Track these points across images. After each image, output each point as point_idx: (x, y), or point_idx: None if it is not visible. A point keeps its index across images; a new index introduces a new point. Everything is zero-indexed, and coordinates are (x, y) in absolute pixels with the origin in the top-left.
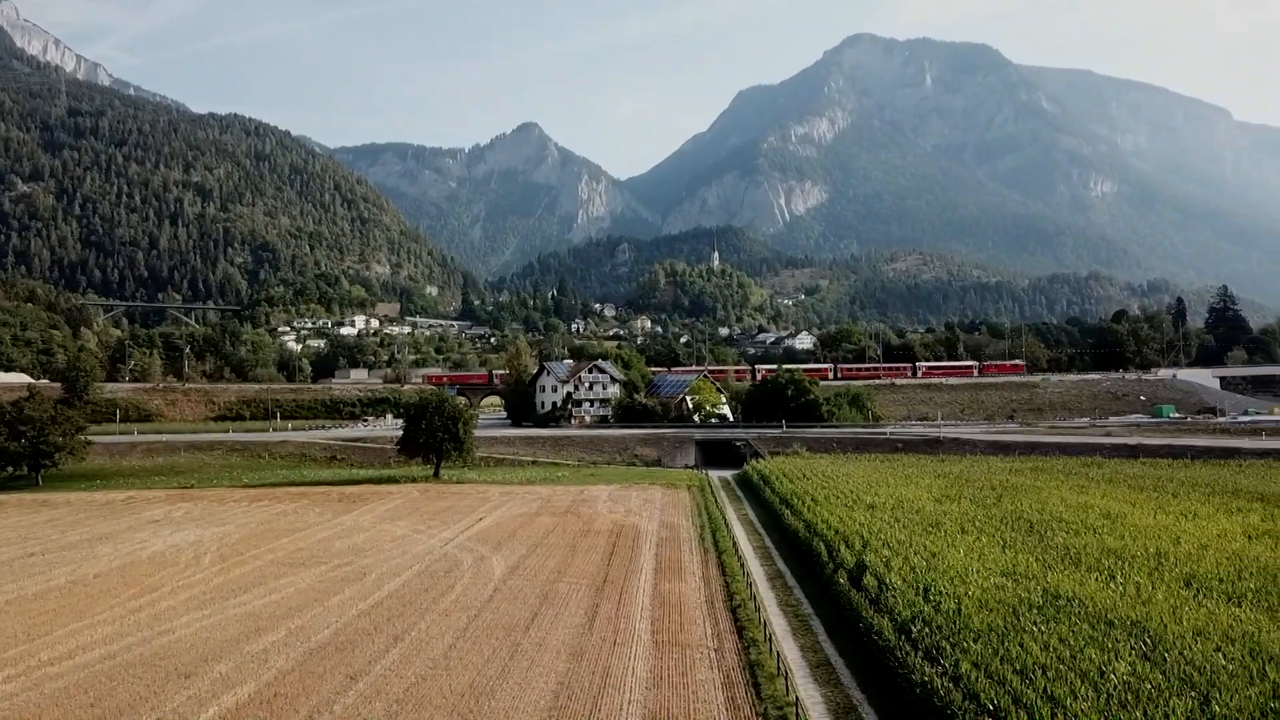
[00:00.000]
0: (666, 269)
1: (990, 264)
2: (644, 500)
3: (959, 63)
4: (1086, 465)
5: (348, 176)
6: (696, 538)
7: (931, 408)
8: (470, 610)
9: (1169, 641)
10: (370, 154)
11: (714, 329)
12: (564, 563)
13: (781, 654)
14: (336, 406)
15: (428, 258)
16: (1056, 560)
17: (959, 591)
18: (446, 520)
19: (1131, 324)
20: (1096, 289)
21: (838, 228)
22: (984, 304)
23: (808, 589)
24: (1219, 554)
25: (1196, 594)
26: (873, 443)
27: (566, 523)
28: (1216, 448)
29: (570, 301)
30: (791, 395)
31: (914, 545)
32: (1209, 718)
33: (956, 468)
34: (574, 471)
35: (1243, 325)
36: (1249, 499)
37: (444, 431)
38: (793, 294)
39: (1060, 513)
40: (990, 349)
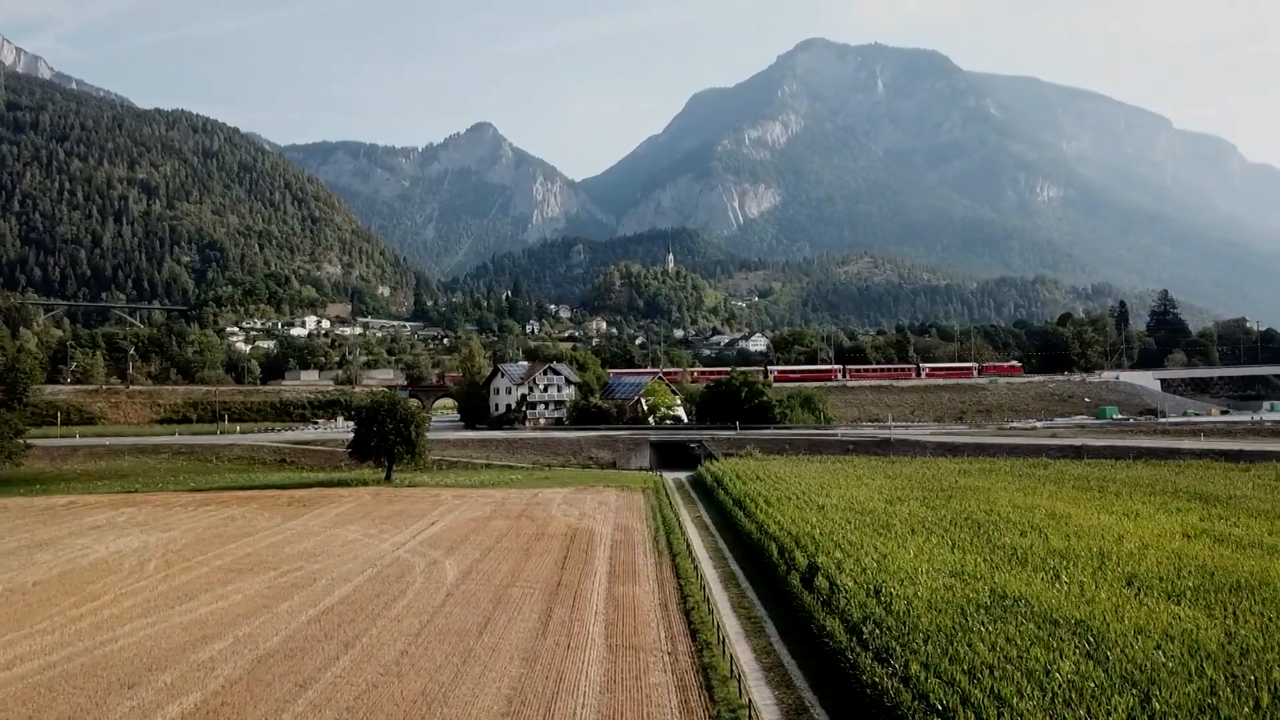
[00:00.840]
0: (622, 270)
1: (940, 267)
2: (599, 503)
3: (910, 69)
4: (1033, 466)
5: (298, 175)
6: (651, 540)
7: (882, 409)
8: (423, 616)
9: (1111, 640)
10: (321, 152)
11: (669, 330)
12: (518, 567)
13: (735, 656)
14: (286, 409)
15: (380, 258)
16: (1004, 560)
17: (909, 592)
18: (399, 524)
19: (1076, 327)
20: (1043, 292)
21: (791, 231)
22: (934, 306)
23: (761, 590)
24: (1159, 553)
25: (1138, 593)
26: (824, 444)
27: (520, 526)
28: (1157, 448)
29: (525, 303)
30: (745, 397)
31: (865, 546)
32: (1149, 715)
33: (907, 469)
34: (528, 474)
35: (1182, 328)
36: (1188, 499)
37: (396, 434)
38: (746, 296)
39: (1008, 513)
40: (940, 351)
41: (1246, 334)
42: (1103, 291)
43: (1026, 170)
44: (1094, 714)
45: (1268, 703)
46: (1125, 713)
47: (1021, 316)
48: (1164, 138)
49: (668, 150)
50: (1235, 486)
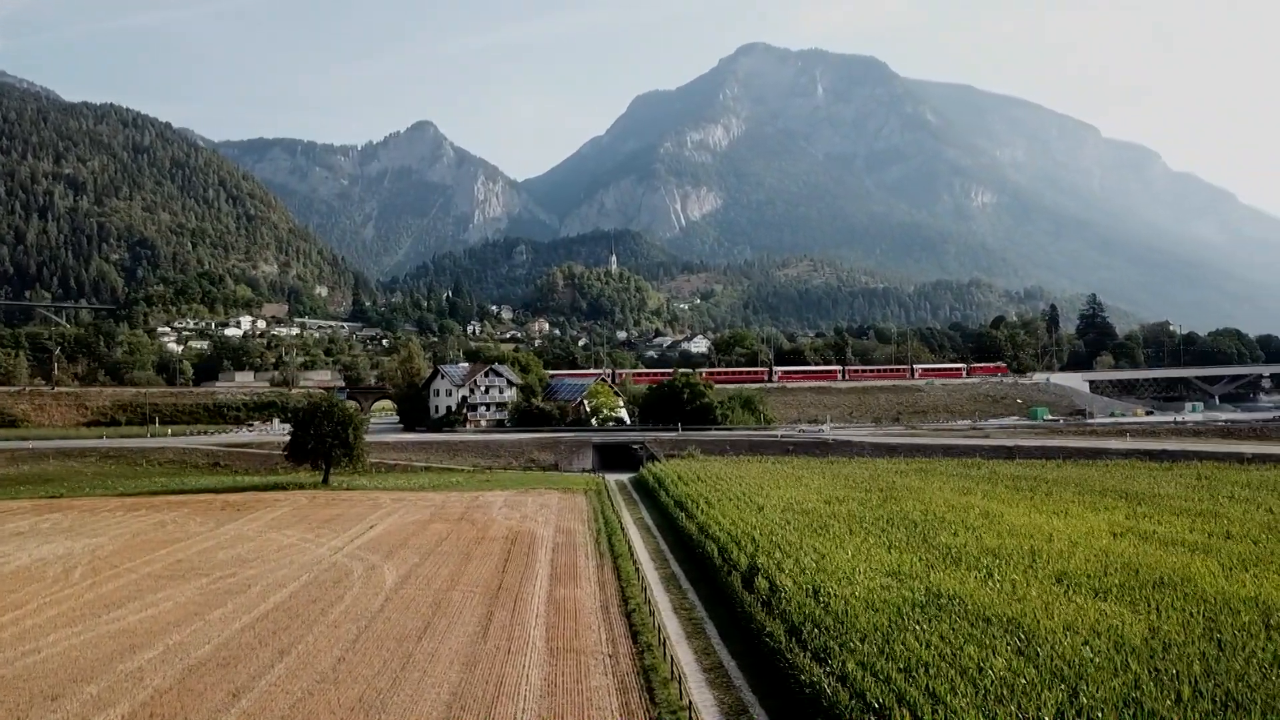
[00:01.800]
0: (564, 271)
1: (878, 270)
2: (540, 505)
3: (849, 74)
4: (967, 466)
5: (233, 172)
6: (592, 542)
7: (821, 410)
8: (360, 621)
9: (1041, 637)
10: (257, 149)
11: (612, 332)
12: (458, 570)
13: (675, 658)
14: (220, 411)
15: (317, 257)
16: (939, 559)
17: (847, 592)
18: (336, 528)
19: (1009, 330)
20: (977, 295)
21: (732, 233)
22: (871, 309)
23: (702, 591)
24: (1087, 551)
25: (1067, 590)
26: (765, 445)
27: (460, 529)
28: (1086, 448)
29: (466, 303)
30: (687, 398)
31: (804, 546)
32: (1077, 709)
33: (845, 469)
34: (469, 477)
35: (1110, 331)
36: (1115, 497)
37: (333, 436)
38: (689, 298)
39: (943, 513)
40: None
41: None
42: (1034, 295)
43: (962, 176)
44: (1025, 709)
45: (1188, 695)
46: (1054, 708)
47: (957, 319)
48: (1092, 146)
49: (610, 151)
50: (1159, 485)
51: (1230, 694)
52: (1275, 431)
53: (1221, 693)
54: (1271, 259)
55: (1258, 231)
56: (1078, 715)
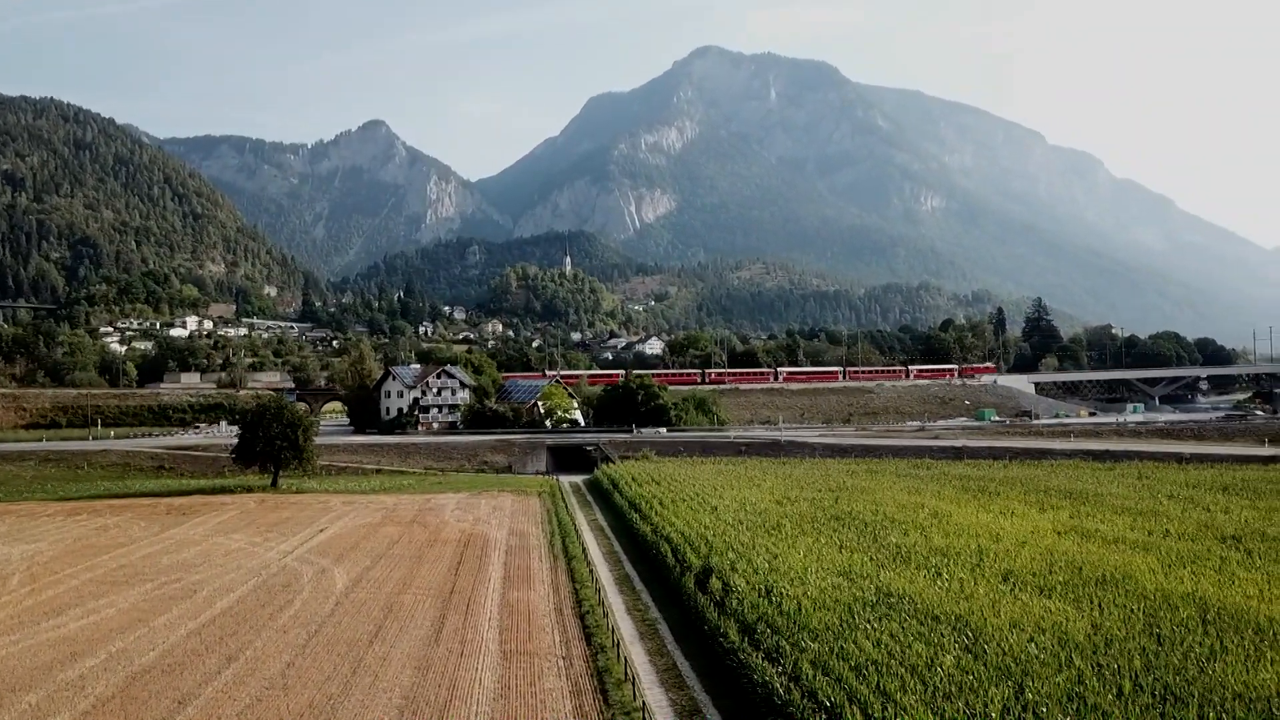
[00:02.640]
0: (518, 272)
1: (829, 273)
2: (493, 508)
3: (802, 79)
4: (916, 467)
5: (179, 169)
6: (546, 545)
7: (773, 411)
8: (310, 626)
9: (988, 634)
10: (204, 146)
11: (566, 333)
12: (410, 574)
13: (629, 659)
14: (165, 413)
15: (266, 256)
16: (889, 559)
17: (799, 592)
18: (285, 532)
19: (957, 332)
20: (926, 298)
21: (686, 236)
22: (823, 311)
23: (655, 593)
24: (1033, 549)
25: (1013, 588)
26: (718, 446)
27: (412, 532)
28: (1031, 449)
29: (418, 304)
30: (642, 400)
31: (756, 547)
32: (1022, 705)
33: (797, 470)
34: (420, 480)
35: (1055, 334)
36: (1059, 497)
37: (282, 439)
38: (643, 300)
39: (892, 513)
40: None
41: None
42: (982, 298)
43: (911, 180)
44: (972, 705)
45: (1130, 690)
46: (1001, 703)
47: (906, 322)
48: (1038, 152)
49: (565, 153)
50: (1102, 485)
51: (1169, 688)
52: (1212, 432)
53: (1161, 686)
54: (1208, 265)
55: (1196, 238)
56: (1024, 711)
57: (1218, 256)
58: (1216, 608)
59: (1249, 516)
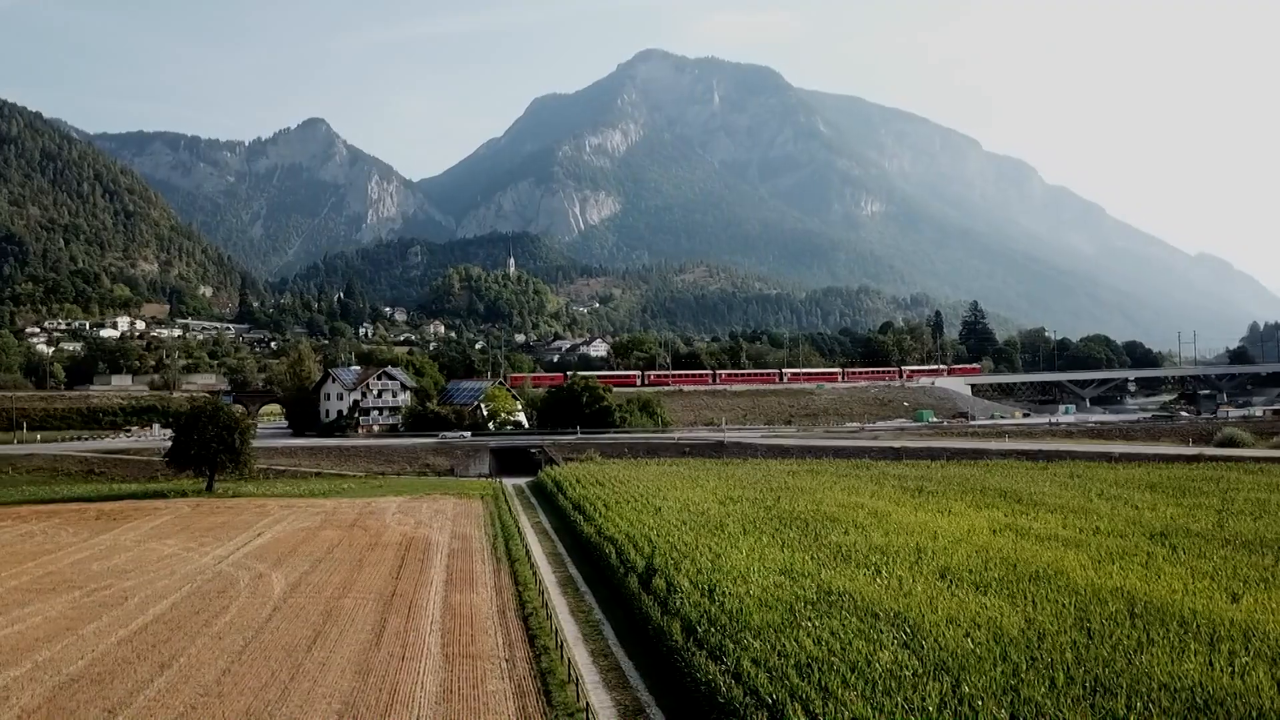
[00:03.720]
0: (461, 273)
1: (771, 276)
2: (435, 511)
3: (744, 83)
4: (856, 467)
5: (110, 165)
6: (489, 547)
7: (716, 413)
8: (247, 632)
9: (926, 630)
10: (137, 142)
11: (510, 335)
12: (350, 577)
13: (573, 660)
14: (95, 416)
15: (201, 256)
16: (829, 558)
17: (741, 591)
18: (220, 537)
19: (896, 335)
20: (866, 301)
21: (630, 238)
22: (765, 314)
23: (599, 594)
24: (969, 547)
25: (950, 585)
26: (662, 447)
27: (353, 536)
28: (968, 449)
29: (358, 305)
30: (586, 402)
31: (700, 547)
32: (959, 698)
33: (739, 471)
34: (361, 483)
35: (990, 337)
36: (995, 496)
37: (218, 442)
38: (588, 302)
39: (833, 512)
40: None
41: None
42: (920, 302)
43: (852, 185)
44: (910, 700)
45: (1062, 682)
46: (939, 698)
47: (847, 325)
48: (974, 159)
49: (509, 154)
50: (1035, 484)
51: (1099, 679)
52: (1140, 432)
53: (1091, 678)
54: (1137, 270)
55: (1125, 244)
56: (960, 704)
57: (1145, 262)
58: (1144, 602)
59: (1174, 513)
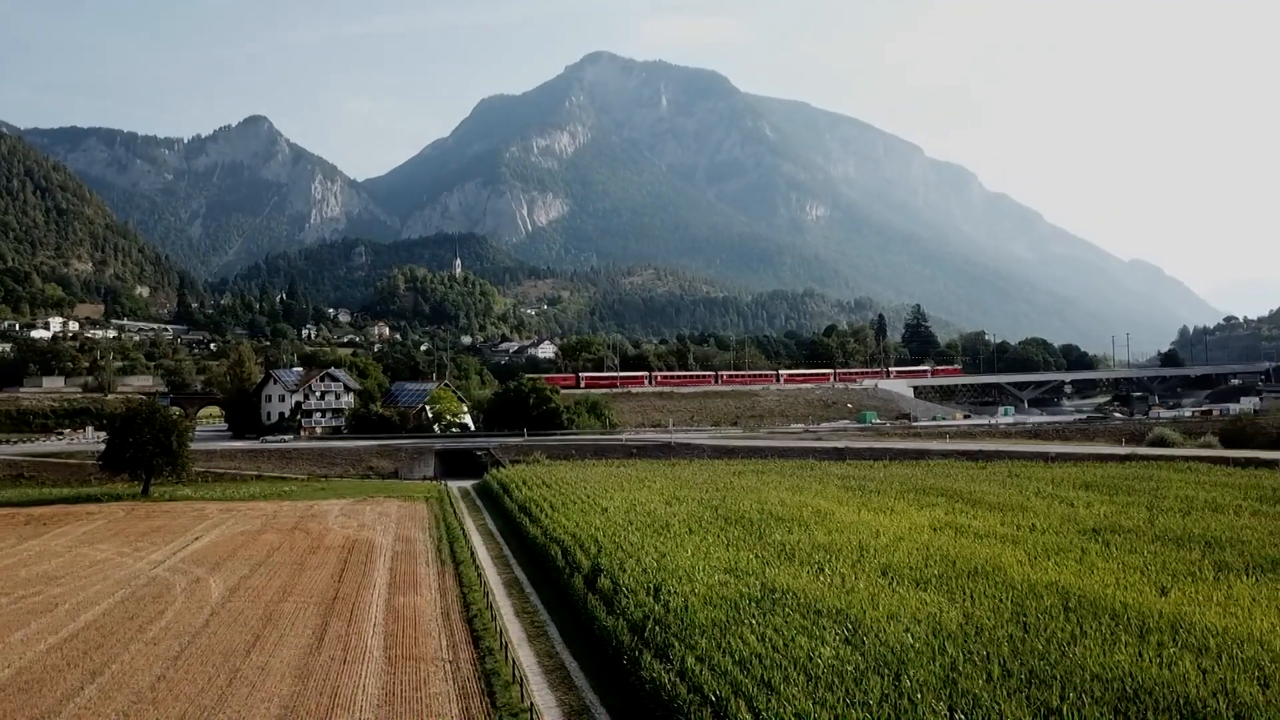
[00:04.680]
0: (406, 274)
1: (718, 280)
2: (379, 514)
3: (692, 87)
4: (800, 467)
5: (42, 161)
6: (434, 550)
7: (664, 415)
8: (183, 637)
9: (868, 626)
10: (70, 138)
11: (456, 337)
12: (290, 581)
13: (517, 661)
14: (25, 418)
15: (138, 255)
16: (774, 556)
17: (686, 589)
18: (156, 541)
19: (840, 338)
20: (811, 305)
21: (578, 240)
22: (712, 317)
23: (545, 595)
24: (910, 545)
25: (891, 582)
26: (610, 449)
27: (294, 539)
28: (910, 450)
29: (301, 306)
30: (534, 403)
31: (646, 547)
32: (899, 692)
33: (686, 471)
34: (303, 486)
35: (932, 340)
36: (935, 495)
37: (154, 444)
38: (535, 304)
39: (778, 511)
40: (717, 359)
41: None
42: (864, 305)
43: (798, 190)
44: (852, 694)
45: (999, 674)
46: (879, 692)
47: (792, 328)
48: (917, 165)
49: (455, 154)
50: (975, 483)
51: (1034, 671)
52: (1076, 433)
53: (1027, 670)
54: (1074, 275)
55: (1062, 249)
56: (900, 698)
57: (1081, 267)
58: (1077, 596)
59: (1107, 511)
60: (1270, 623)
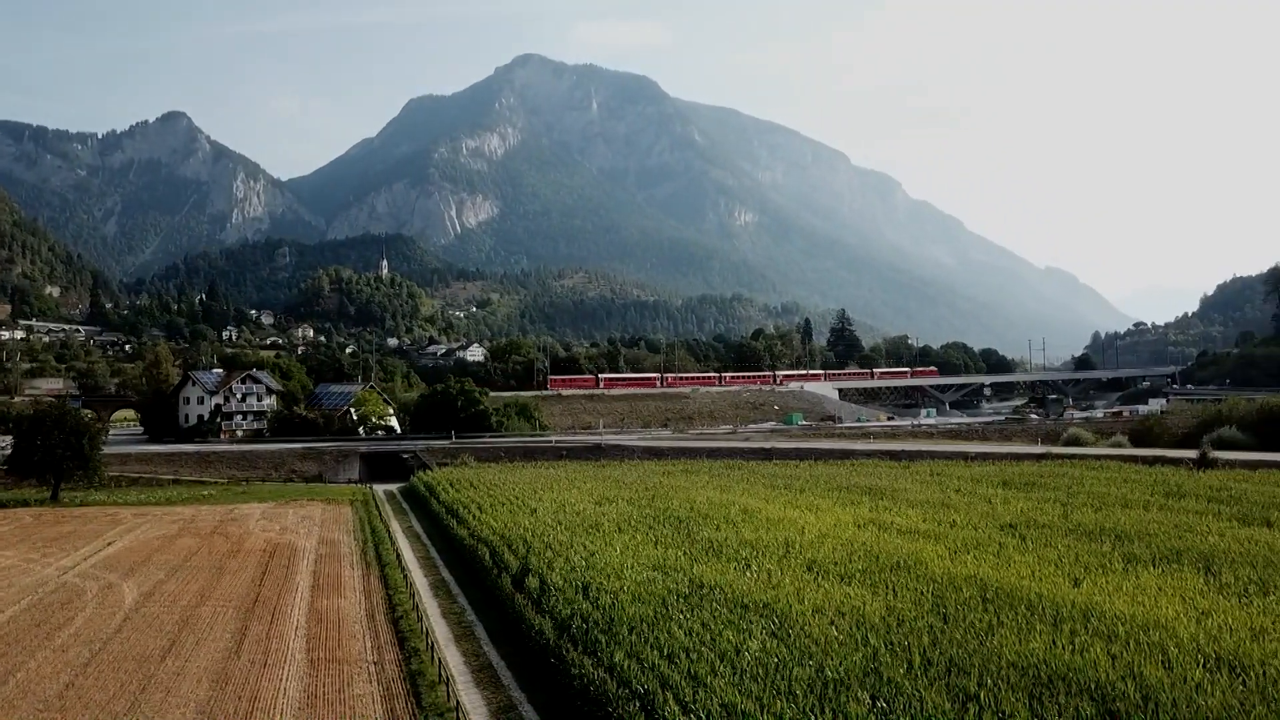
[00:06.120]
0: (331, 275)
1: (649, 284)
2: (302, 517)
3: (622, 92)
4: (729, 467)
5: None
6: (358, 552)
7: (595, 417)
8: (94, 644)
9: (793, 619)
10: None
11: (383, 340)
12: (209, 586)
13: (444, 661)
14: None
15: (48, 254)
16: (701, 553)
17: (614, 586)
18: (66, 547)
19: (767, 341)
20: (739, 309)
21: (508, 243)
22: (643, 320)
23: (472, 596)
24: (835, 541)
25: (816, 577)
26: (539, 451)
27: (213, 543)
28: (835, 450)
29: (222, 307)
30: (461, 406)
31: (574, 546)
32: (824, 682)
33: (616, 472)
34: (223, 490)
35: (857, 344)
36: (859, 493)
37: (64, 447)
38: (464, 306)
39: (706, 510)
40: (647, 362)
41: (908, 349)
42: (791, 310)
43: (726, 196)
44: (777, 685)
45: (919, 663)
46: (805, 682)
47: (721, 331)
48: (843, 172)
49: (382, 154)
50: (898, 481)
51: (954, 660)
52: (994, 433)
53: (946, 659)
54: (993, 281)
55: (982, 256)
56: (825, 687)
57: (1000, 274)
58: (995, 588)
59: (1024, 506)
60: (1174, 610)
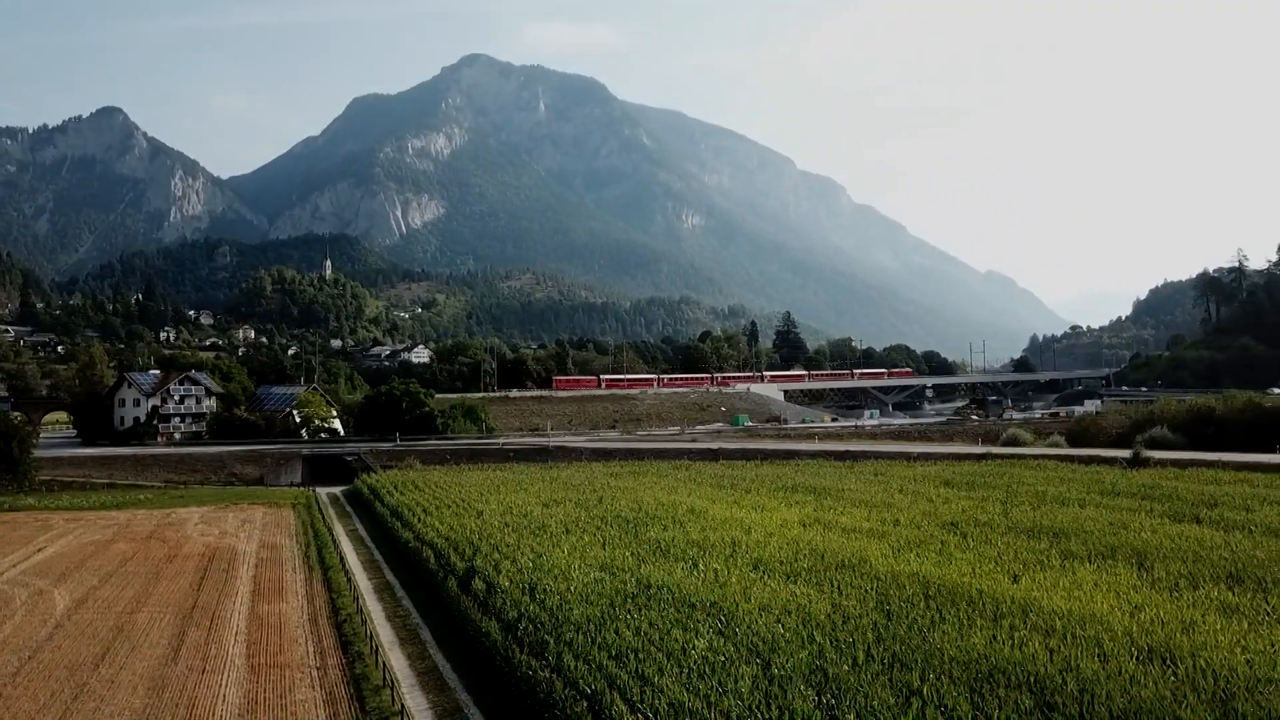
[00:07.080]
0: (273, 275)
1: (597, 286)
2: (242, 521)
3: (570, 93)
4: (676, 468)
5: None
6: (301, 556)
7: (542, 419)
8: (23, 652)
9: (740, 618)
10: None
11: (326, 341)
12: (145, 591)
13: (388, 665)
14: None
15: None
16: (649, 553)
17: (562, 587)
18: None
19: (714, 343)
20: (687, 311)
21: (455, 243)
22: (591, 322)
23: (417, 598)
24: (781, 540)
25: (762, 575)
26: (486, 453)
27: (149, 548)
28: (780, 450)
29: (159, 307)
30: (407, 408)
31: (521, 547)
32: (769, 678)
33: (564, 474)
34: (160, 494)
35: (802, 346)
36: (805, 492)
37: None
38: (410, 307)
39: (653, 510)
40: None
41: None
42: (737, 312)
43: (674, 198)
44: (724, 683)
45: (863, 659)
46: (751, 680)
47: (669, 333)
48: (789, 176)
49: (326, 153)
50: (842, 481)
51: (897, 655)
52: (936, 434)
53: (890, 655)
54: (935, 284)
55: (923, 260)
56: (771, 684)
57: (941, 278)
58: (937, 585)
59: (965, 505)
60: (1109, 604)
